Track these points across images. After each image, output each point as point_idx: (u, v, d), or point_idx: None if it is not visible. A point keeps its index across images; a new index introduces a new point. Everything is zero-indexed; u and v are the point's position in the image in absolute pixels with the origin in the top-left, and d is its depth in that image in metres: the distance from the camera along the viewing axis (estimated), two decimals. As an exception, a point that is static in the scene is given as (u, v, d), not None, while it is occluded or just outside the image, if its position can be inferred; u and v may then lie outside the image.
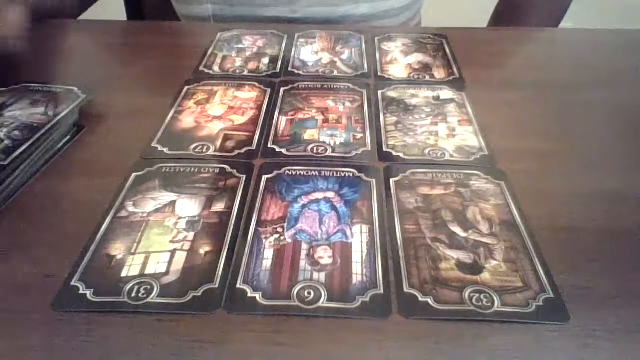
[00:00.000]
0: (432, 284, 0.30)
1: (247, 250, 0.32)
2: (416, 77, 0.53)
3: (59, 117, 0.42)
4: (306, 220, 0.35)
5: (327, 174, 0.39)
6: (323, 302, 0.29)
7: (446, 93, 0.50)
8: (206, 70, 0.54)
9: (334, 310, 0.29)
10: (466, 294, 0.30)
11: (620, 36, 0.63)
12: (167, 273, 0.31)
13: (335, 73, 0.53)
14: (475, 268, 0.31)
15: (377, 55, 0.57)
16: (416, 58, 0.56)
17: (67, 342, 0.27)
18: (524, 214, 0.35)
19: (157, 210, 0.35)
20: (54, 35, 0.63)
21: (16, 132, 0.39)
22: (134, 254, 0.32)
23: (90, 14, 0.67)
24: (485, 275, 0.31)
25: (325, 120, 0.45)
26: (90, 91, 0.46)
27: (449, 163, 0.40)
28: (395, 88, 0.50)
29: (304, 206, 0.36)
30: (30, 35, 0.51)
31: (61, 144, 0.41)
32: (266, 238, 0.33)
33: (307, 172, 0.39)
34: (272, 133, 0.44)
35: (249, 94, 0.49)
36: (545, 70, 0.55)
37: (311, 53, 0.57)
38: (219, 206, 0.36)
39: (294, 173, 0.39)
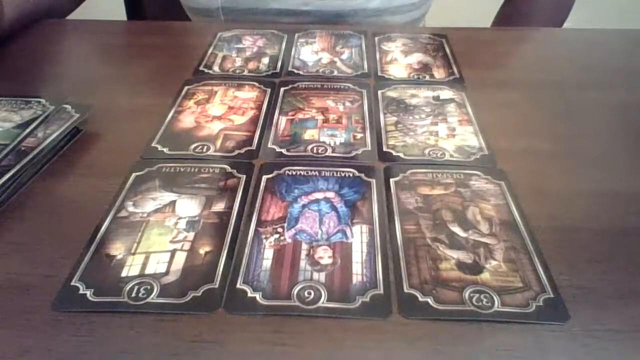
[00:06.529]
0: (432, 284, 0.30)
1: (247, 250, 0.32)
2: (416, 77, 0.53)
3: (48, 140, 0.40)
4: (306, 220, 0.35)
5: (327, 174, 0.39)
6: (323, 302, 0.29)
7: (446, 93, 0.50)
8: (206, 70, 0.54)
9: (334, 310, 0.29)
10: (466, 294, 0.30)
11: (621, 36, 0.63)
12: (167, 273, 0.31)
13: (335, 73, 0.53)
14: (475, 268, 0.31)
15: (377, 55, 0.57)
16: (416, 58, 0.56)
17: (67, 342, 0.27)
18: (524, 214, 0.35)
19: (157, 210, 0.35)
20: (53, 35, 0.63)
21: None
22: (134, 254, 0.32)
23: (90, 14, 0.67)
24: (485, 275, 0.31)
25: (325, 120, 0.45)
26: (85, 108, 0.44)
27: (449, 163, 0.40)
28: (395, 88, 0.50)
29: (304, 206, 0.36)
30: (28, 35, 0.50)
31: (61, 144, 0.41)
32: (266, 238, 0.33)
33: (307, 172, 0.39)
34: (272, 133, 0.44)
35: (249, 94, 0.49)
36: (545, 70, 0.55)
37: (311, 53, 0.57)
38: (219, 206, 0.36)
39: (294, 173, 0.39)
